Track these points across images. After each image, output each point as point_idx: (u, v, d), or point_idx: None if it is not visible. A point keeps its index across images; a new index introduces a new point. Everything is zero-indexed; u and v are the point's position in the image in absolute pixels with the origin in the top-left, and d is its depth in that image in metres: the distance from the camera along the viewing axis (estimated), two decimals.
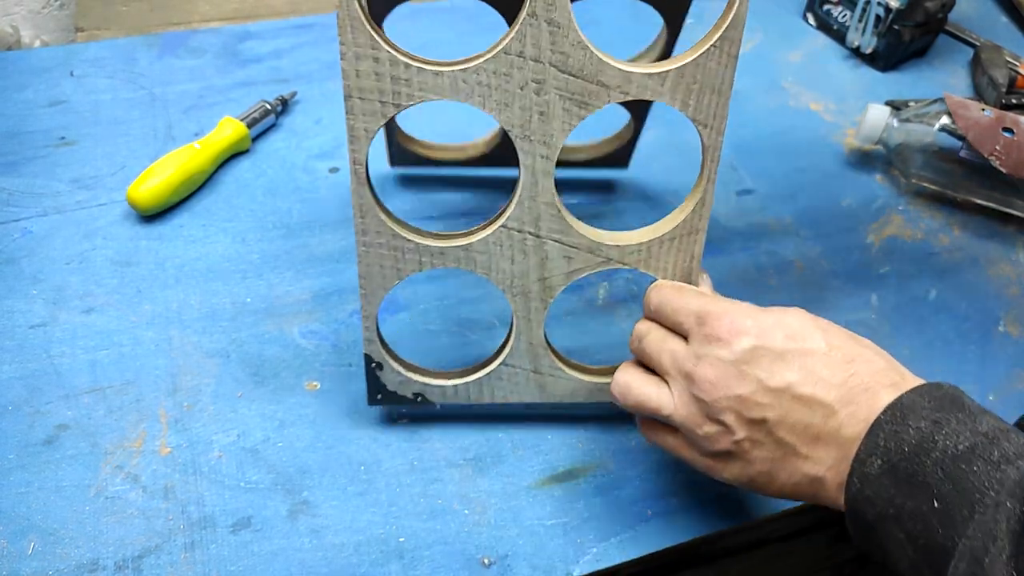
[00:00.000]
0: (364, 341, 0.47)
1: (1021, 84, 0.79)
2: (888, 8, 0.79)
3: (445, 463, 0.50)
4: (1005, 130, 0.65)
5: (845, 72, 0.82)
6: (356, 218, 0.43)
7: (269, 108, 0.68)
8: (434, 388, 0.49)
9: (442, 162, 0.64)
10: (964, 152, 0.66)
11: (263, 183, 0.65)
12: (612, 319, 0.58)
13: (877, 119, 0.69)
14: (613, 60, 0.39)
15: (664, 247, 0.45)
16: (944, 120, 0.66)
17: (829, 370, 0.38)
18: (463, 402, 0.49)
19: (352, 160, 0.41)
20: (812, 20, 0.87)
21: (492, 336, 0.55)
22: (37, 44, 0.78)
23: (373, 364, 0.48)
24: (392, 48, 0.38)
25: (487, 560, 0.46)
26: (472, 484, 0.49)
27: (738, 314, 0.40)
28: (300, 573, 0.45)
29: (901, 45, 0.81)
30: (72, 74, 0.71)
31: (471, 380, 0.49)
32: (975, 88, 0.82)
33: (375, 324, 0.47)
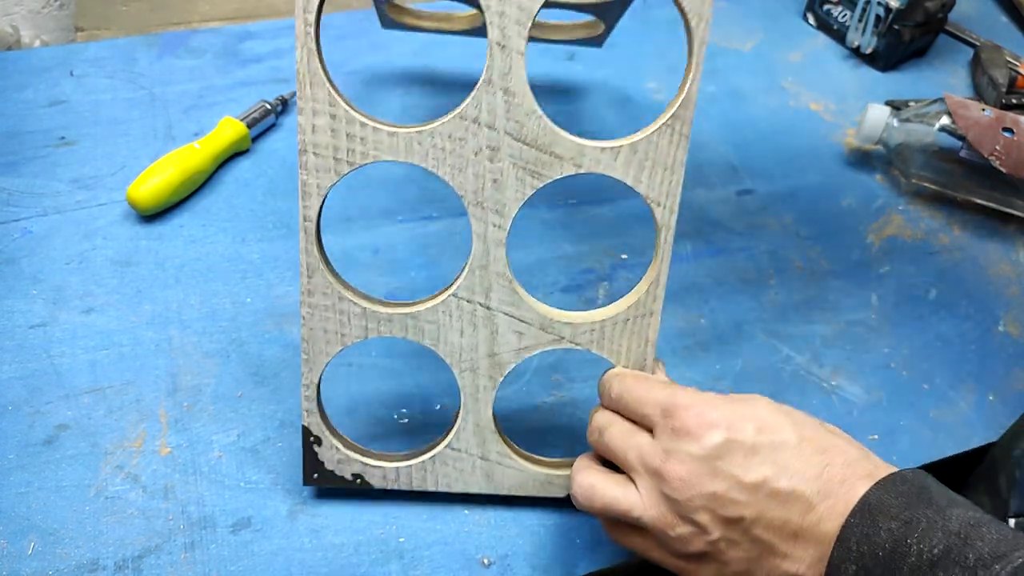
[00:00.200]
0: (303, 412, 0.45)
1: (1021, 84, 0.79)
2: (888, 8, 0.79)
3: None
4: (1005, 130, 0.65)
5: (845, 72, 0.82)
6: (303, 277, 0.42)
7: (269, 108, 0.68)
8: (375, 470, 0.46)
9: (429, 30, 0.68)
10: (964, 152, 0.66)
11: (263, 183, 0.65)
12: None
13: (877, 119, 0.69)
14: (565, 133, 0.40)
15: (618, 328, 0.44)
16: (944, 120, 0.67)
17: (803, 462, 0.37)
18: (405, 487, 0.47)
19: (302, 217, 0.41)
20: (812, 20, 0.87)
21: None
22: (37, 44, 0.78)
23: (311, 438, 0.45)
24: (349, 106, 0.39)
25: (487, 560, 0.46)
26: None
27: (706, 406, 0.38)
28: (300, 573, 0.45)
29: (901, 45, 0.81)
30: (72, 74, 0.71)
31: (414, 463, 0.46)
32: (975, 88, 0.82)
33: (316, 394, 0.45)
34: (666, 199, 0.41)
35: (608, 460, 0.42)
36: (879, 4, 0.79)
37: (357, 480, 0.47)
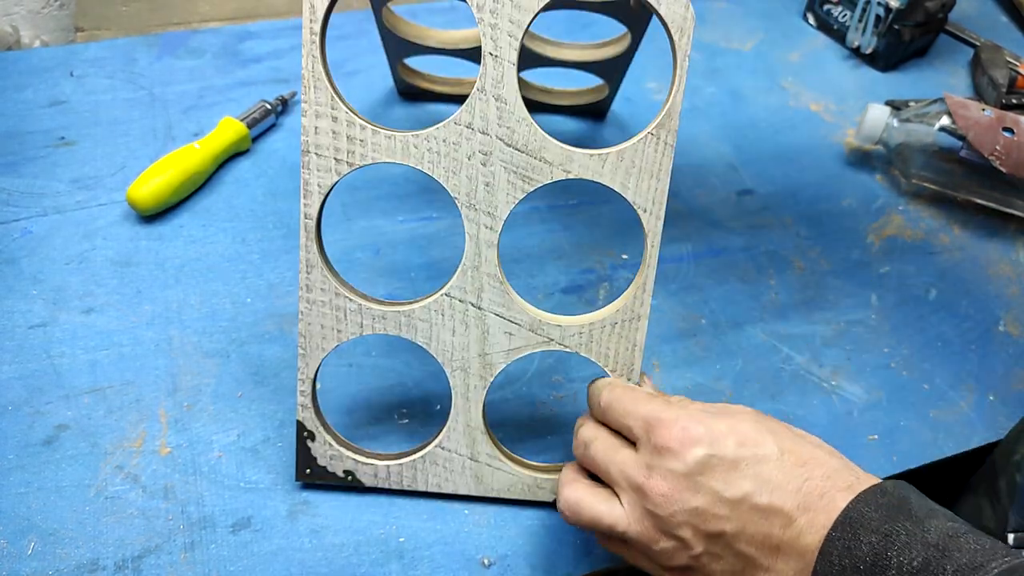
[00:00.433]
0: (298, 406, 0.46)
1: (1021, 84, 0.79)
2: (888, 8, 0.79)
3: None
4: (1005, 130, 0.65)
5: (845, 72, 0.82)
6: (301, 273, 0.43)
7: (269, 108, 0.68)
8: (366, 468, 0.47)
9: (443, 95, 0.70)
10: (964, 152, 0.66)
11: (263, 183, 0.65)
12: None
13: (877, 119, 0.69)
14: (554, 140, 0.41)
15: (606, 332, 0.44)
16: (944, 120, 0.67)
17: (783, 475, 0.37)
18: (396, 486, 0.47)
19: (303, 214, 0.42)
20: (812, 20, 0.87)
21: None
22: (37, 44, 0.78)
23: (305, 433, 0.46)
24: (350, 109, 0.40)
25: (487, 560, 0.46)
26: None
27: (688, 421, 0.39)
28: (300, 573, 0.45)
29: (901, 45, 0.81)
30: (72, 74, 0.71)
31: (405, 462, 0.47)
32: (975, 88, 0.82)
33: (312, 389, 0.45)
34: (652, 205, 0.42)
35: (594, 473, 0.43)
36: (879, 4, 0.79)
37: (348, 477, 0.47)
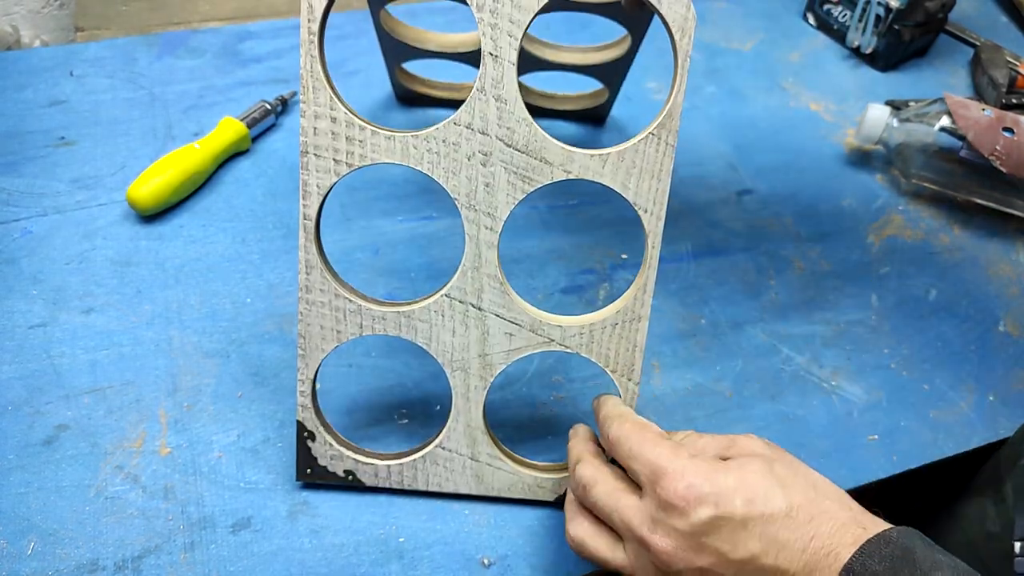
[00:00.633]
0: (298, 407, 0.46)
1: (1021, 84, 0.79)
2: (888, 8, 0.79)
3: None
4: (1005, 130, 0.65)
5: (845, 72, 0.82)
6: (301, 274, 0.43)
7: (269, 108, 0.68)
8: (366, 468, 0.47)
9: (442, 100, 0.70)
10: (964, 152, 0.66)
11: (263, 183, 0.65)
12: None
13: (877, 119, 0.69)
14: (555, 140, 0.41)
15: (606, 332, 0.44)
16: (944, 120, 0.67)
17: (791, 534, 0.36)
18: (396, 486, 0.47)
19: (303, 215, 0.42)
20: (812, 20, 0.87)
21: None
22: (37, 44, 0.78)
23: (305, 433, 0.46)
24: (349, 110, 0.40)
25: (487, 560, 0.46)
26: None
27: (695, 477, 0.37)
28: (300, 573, 0.45)
29: (901, 45, 0.81)
30: (72, 74, 0.71)
31: (405, 462, 0.47)
32: (975, 88, 0.82)
33: (311, 389, 0.45)
34: (653, 206, 0.42)
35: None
36: (879, 4, 0.79)
37: (349, 477, 0.47)
